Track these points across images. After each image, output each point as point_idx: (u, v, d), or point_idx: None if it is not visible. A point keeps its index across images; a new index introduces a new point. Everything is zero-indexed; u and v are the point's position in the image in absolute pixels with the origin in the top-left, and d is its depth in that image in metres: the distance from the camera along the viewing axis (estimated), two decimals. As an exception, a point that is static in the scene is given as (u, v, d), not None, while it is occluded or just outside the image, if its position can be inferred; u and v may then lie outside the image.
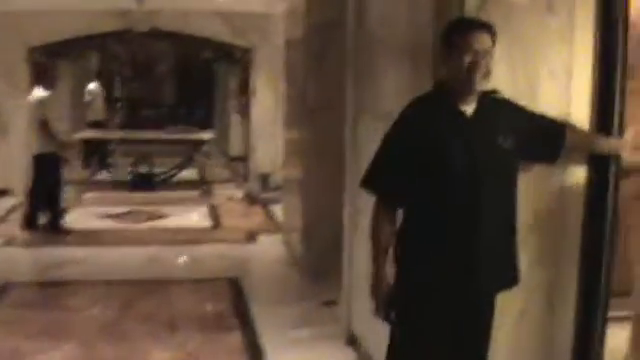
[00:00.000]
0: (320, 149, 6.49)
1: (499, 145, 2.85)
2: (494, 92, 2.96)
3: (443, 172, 2.81)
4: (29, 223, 8.29)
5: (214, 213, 9.81)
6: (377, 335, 3.49)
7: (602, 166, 3.21)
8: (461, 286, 2.89)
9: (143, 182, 11.64)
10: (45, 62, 9.54)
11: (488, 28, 2.82)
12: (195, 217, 9.57)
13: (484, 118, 2.87)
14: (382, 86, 4.22)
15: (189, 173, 12.39)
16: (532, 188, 3.17)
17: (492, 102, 2.93)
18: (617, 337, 3.61)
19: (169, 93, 19.92)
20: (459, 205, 2.82)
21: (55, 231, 8.25)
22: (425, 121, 2.86)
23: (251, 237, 8.32)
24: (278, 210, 8.84)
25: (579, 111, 3.21)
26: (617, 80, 3.16)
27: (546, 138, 3.08)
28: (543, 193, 3.25)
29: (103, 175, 12.59)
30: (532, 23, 3.15)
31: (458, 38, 2.80)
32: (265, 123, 11.32)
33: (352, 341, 4.81)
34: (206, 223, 9.27)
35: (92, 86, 14.50)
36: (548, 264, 3.29)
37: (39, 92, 8.09)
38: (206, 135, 12.67)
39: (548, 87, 3.17)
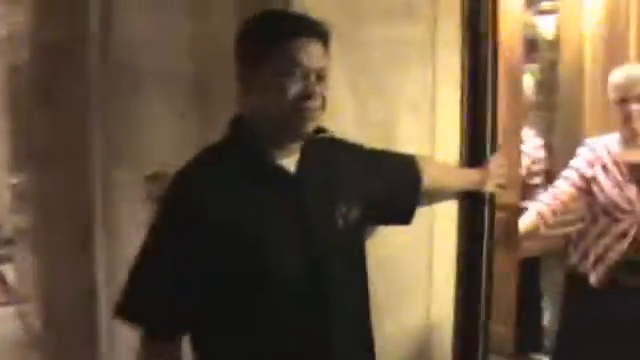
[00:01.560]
0: (58, 199, 5.17)
1: (343, 216, 1.78)
2: (320, 131, 1.79)
3: (260, 276, 1.67)
4: None
5: None
6: None
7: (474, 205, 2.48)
8: None
9: None
10: None
11: (320, 32, 1.71)
12: None
13: (315, 175, 1.77)
14: (151, 131, 3.06)
15: None
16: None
17: (320, 148, 1.80)
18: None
19: None
20: (292, 326, 1.71)
21: None
22: (219, 191, 1.67)
23: (-23, 311, 6.74)
24: (11, 271, 7.24)
25: (446, 148, 2.39)
26: (489, 105, 2.40)
27: (400, 191, 2.09)
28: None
29: None
30: (386, 35, 2.19)
31: (273, 50, 1.66)
32: (-11, 163, 9.68)
33: None
34: None
35: None
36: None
37: None
38: None
39: (408, 122, 2.26)
